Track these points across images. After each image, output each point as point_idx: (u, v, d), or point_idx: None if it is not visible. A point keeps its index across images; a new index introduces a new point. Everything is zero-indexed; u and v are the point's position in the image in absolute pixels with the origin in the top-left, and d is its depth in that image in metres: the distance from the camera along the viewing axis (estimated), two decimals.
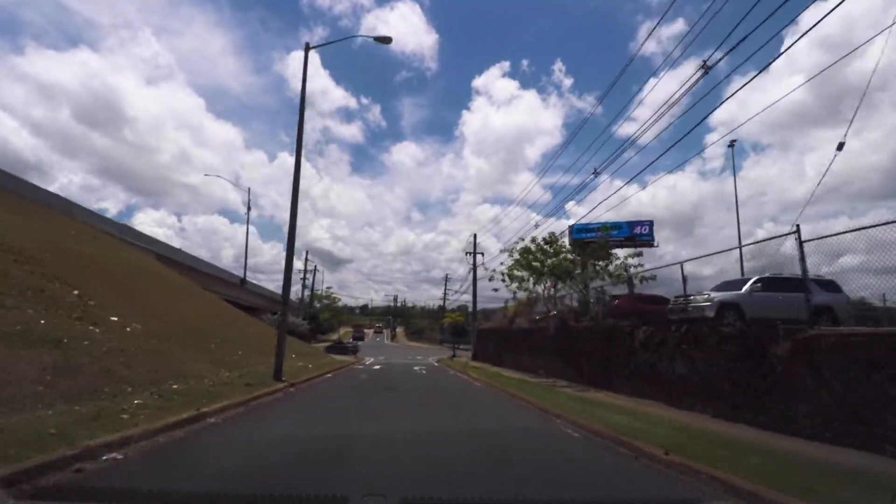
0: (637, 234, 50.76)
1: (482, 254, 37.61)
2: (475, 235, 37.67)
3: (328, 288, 69.30)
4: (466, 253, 37.54)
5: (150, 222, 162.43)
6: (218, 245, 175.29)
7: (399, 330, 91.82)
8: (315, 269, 61.82)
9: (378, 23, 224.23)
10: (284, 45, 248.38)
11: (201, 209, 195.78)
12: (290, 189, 13.95)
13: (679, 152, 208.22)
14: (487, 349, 32.20)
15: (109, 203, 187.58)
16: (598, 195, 79.14)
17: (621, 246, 60.41)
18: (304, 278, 54.98)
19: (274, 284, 73.60)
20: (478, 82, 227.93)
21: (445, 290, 66.19)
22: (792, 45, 9.44)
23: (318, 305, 68.50)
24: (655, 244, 44.84)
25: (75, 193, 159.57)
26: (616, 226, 60.99)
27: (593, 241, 26.68)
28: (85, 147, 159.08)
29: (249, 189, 46.76)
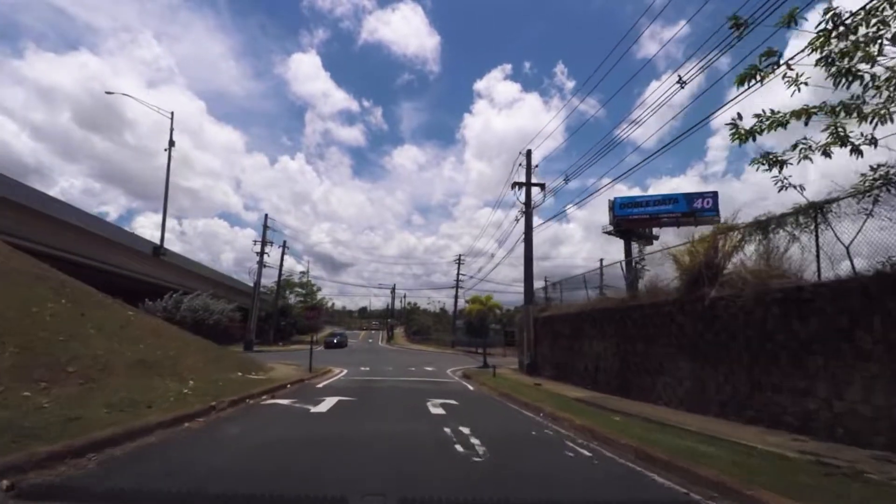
0: (697, 208, 41.76)
1: (542, 185, 21.14)
2: (529, 153, 21.25)
3: (303, 273, 52.83)
4: (516, 185, 21.08)
5: (151, 226, 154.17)
6: (218, 248, 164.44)
7: (398, 330, 75.03)
8: (284, 246, 45.52)
9: (379, 24, 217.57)
10: (285, 49, 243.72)
11: (201, 213, 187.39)
12: None
13: (679, 156, 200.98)
14: (572, 357, 15.76)
15: (111, 207, 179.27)
16: (602, 197, 67.67)
17: (677, 224, 42.07)
18: (262, 252, 38.56)
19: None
20: (479, 85, 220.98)
21: (459, 272, 49.70)
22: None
23: (289, 296, 52.09)
24: (723, 221, 27.48)
25: (77, 197, 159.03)
26: (670, 199, 45.12)
27: None
28: (85, 150, 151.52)
29: (172, 114, 30.05)
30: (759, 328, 7.91)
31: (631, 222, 59.37)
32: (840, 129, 5.38)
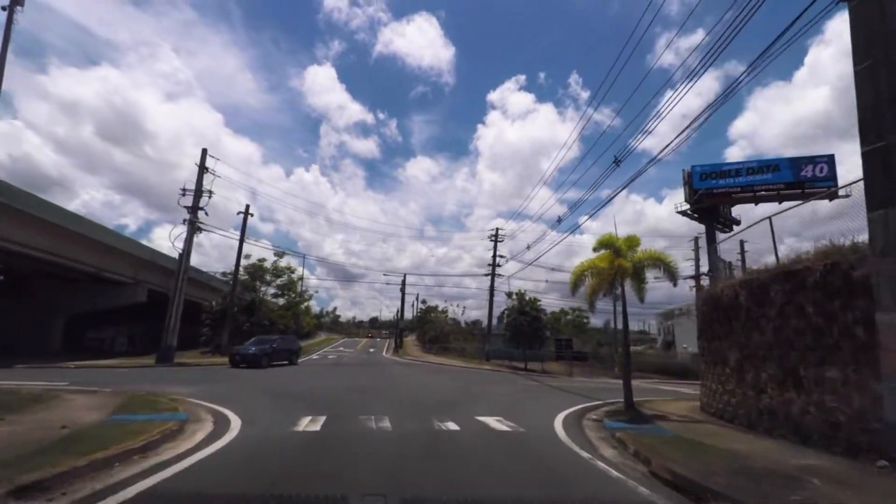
0: (807, 177, 32.99)
1: None
2: None
3: (279, 255, 38.44)
4: None
5: (168, 237, 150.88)
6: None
7: (409, 338, 59.88)
8: (246, 214, 31.38)
9: (395, 36, 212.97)
10: (300, 62, 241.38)
11: (218, 224, 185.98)
12: None
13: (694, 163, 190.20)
14: None
15: (130, 219, 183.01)
16: (614, 209, 54.31)
17: (779, 197, 33.24)
18: (196, 207, 24.12)
19: None
20: (493, 96, 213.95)
21: (495, 253, 34.98)
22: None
23: (262, 288, 37.77)
24: (845, 192, 10.67)
25: (98, 209, 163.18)
26: (769, 165, 35.63)
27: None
28: (106, 163, 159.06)
29: None
30: None
31: (716, 197, 44.70)
32: None
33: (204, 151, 25.22)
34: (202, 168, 24.78)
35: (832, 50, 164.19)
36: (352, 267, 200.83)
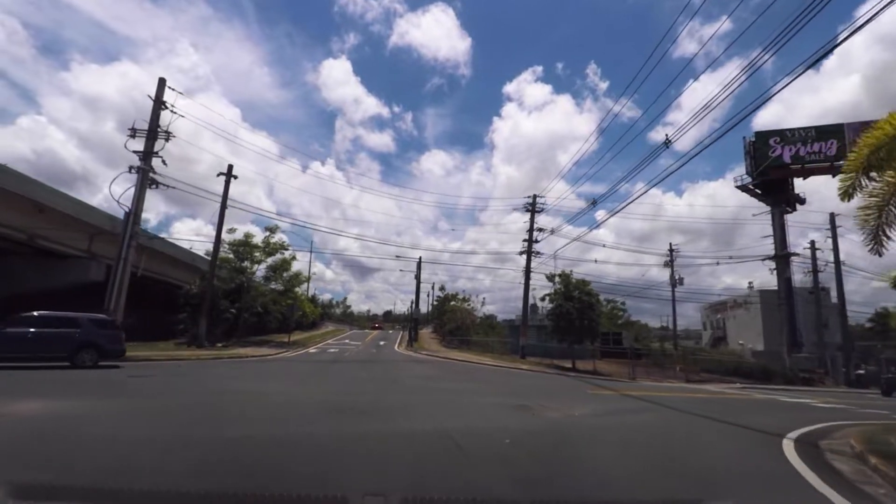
0: None
1: None
2: None
3: (271, 230, 32.56)
4: None
5: (187, 231, 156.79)
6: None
7: (425, 331, 53.55)
8: (229, 175, 25.62)
9: (410, 27, 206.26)
10: (315, 57, 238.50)
11: (236, 219, 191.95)
12: None
13: (719, 159, 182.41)
14: None
15: (150, 213, 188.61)
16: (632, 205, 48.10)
17: None
18: (149, 149, 18.16)
19: None
20: (510, 88, 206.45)
21: (532, 224, 28.64)
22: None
23: (254, 268, 31.97)
24: None
25: (117, 205, 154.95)
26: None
27: None
28: (127, 158, 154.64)
29: None
30: None
31: (785, 170, 37.87)
32: None
33: (161, 81, 19.37)
34: (158, 103, 18.90)
35: (863, 37, 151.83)
36: (366, 259, 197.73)
